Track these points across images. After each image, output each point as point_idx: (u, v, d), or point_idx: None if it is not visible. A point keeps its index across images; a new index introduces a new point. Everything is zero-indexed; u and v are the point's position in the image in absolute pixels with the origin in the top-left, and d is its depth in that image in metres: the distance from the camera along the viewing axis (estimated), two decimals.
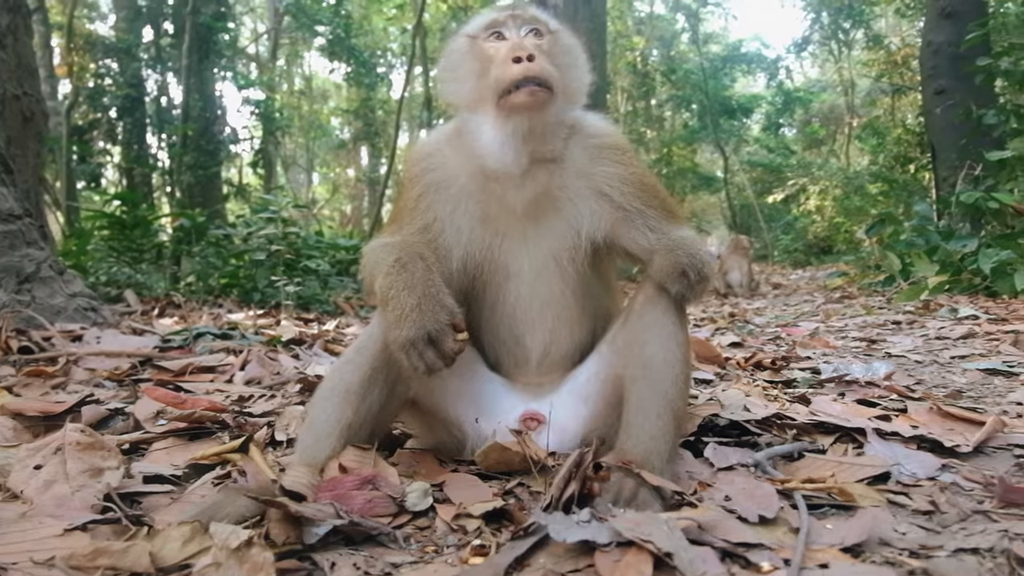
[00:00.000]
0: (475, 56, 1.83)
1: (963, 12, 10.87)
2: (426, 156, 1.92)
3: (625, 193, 1.82)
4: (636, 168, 1.87)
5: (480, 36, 1.84)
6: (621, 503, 1.44)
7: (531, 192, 1.80)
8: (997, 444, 1.89)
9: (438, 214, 1.84)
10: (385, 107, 28.10)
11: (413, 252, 1.65)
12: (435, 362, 1.54)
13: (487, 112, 1.77)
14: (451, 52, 1.92)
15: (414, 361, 1.53)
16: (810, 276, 16.11)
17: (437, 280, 1.61)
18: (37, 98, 4.63)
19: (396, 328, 1.54)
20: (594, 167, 1.84)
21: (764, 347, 4.28)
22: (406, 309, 1.53)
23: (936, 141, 11.58)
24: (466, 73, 1.83)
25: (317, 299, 7.42)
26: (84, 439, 1.61)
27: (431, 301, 1.55)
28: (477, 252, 1.85)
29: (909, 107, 24.91)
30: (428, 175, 1.87)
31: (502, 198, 1.82)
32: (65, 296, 4.22)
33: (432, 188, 1.86)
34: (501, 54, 1.75)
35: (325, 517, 1.34)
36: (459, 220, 1.84)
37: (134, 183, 17.95)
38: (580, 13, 11.50)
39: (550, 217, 1.84)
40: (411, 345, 1.52)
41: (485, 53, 1.81)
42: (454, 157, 1.88)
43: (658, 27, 32.14)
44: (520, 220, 1.84)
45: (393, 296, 1.56)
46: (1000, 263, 6.68)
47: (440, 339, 1.53)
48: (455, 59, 1.89)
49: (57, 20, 18.87)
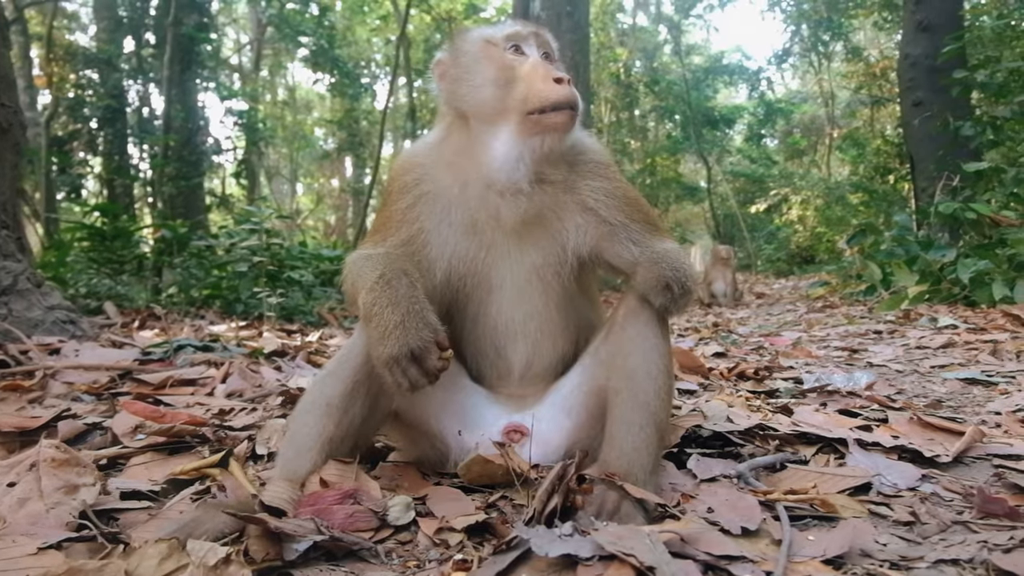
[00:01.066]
0: (494, 63, 1.79)
1: (939, 26, 11.06)
2: (415, 166, 1.89)
3: (610, 207, 1.82)
4: (620, 183, 1.87)
5: (500, 44, 1.81)
6: (604, 516, 1.43)
7: (525, 209, 1.79)
8: (976, 454, 1.91)
9: (424, 225, 1.83)
10: (369, 118, 28.12)
11: (397, 268, 1.63)
12: (418, 379, 1.52)
13: (506, 123, 1.75)
14: (464, 52, 1.85)
15: (397, 378, 1.52)
16: (793, 285, 16.23)
17: (421, 297, 1.60)
18: (15, 109, 4.57)
19: (379, 345, 1.53)
20: (580, 182, 1.84)
21: (747, 357, 4.30)
22: (390, 326, 1.52)
23: (915, 152, 11.74)
24: (484, 80, 1.78)
25: (301, 310, 7.37)
26: (59, 455, 1.58)
27: (415, 318, 1.54)
28: (461, 264, 1.83)
29: (888, 118, 25.31)
30: (418, 186, 1.85)
31: (496, 212, 1.80)
32: (43, 309, 4.16)
33: (421, 199, 1.84)
34: (536, 71, 1.74)
35: (305, 533, 1.32)
36: (445, 232, 1.82)
37: (115, 194, 17.82)
38: (563, 24, 11.57)
39: (536, 233, 1.83)
40: (394, 362, 1.51)
41: (507, 63, 1.78)
42: (444, 167, 1.86)
43: (641, 39, 32.42)
44: (507, 234, 1.83)
45: (377, 313, 1.55)
46: (978, 273, 6.77)
47: (423, 356, 1.52)
48: (468, 60, 1.83)
49: (37, 31, 18.74)
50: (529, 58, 1.79)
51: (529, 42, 1.83)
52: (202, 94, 18.93)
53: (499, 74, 1.77)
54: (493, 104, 1.76)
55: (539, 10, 11.61)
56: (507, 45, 1.81)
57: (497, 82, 1.76)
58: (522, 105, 1.71)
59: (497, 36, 1.83)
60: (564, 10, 11.60)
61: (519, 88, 1.73)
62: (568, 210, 1.83)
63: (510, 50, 1.80)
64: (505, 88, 1.75)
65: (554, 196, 1.82)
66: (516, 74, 1.76)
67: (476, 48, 1.83)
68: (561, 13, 11.58)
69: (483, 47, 1.82)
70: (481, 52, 1.82)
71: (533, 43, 1.83)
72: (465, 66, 1.83)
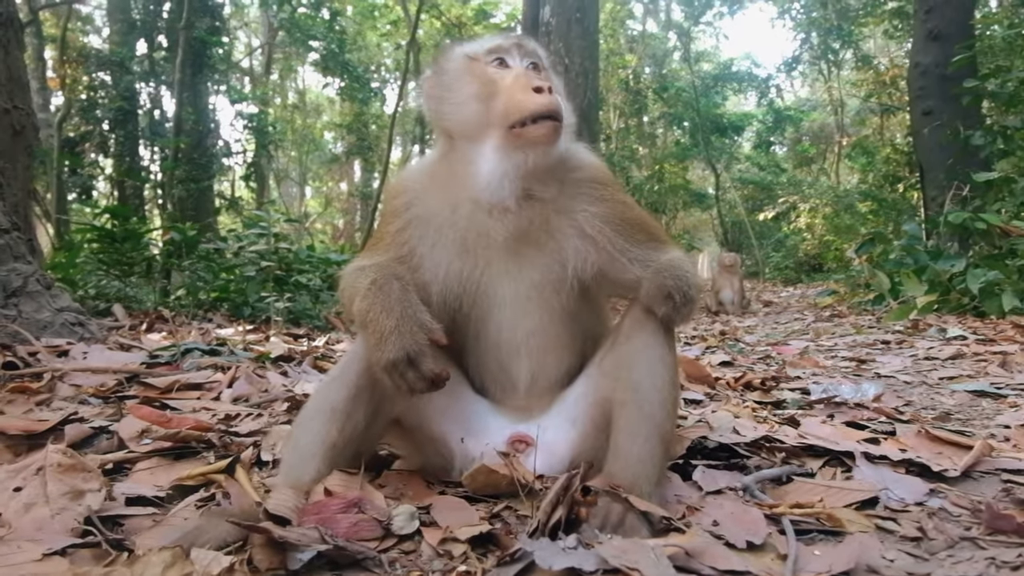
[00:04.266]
0: (476, 78, 1.74)
1: (950, 34, 11.03)
2: (406, 190, 1.86)
3: (610, 235, 1.78)
4: (618, 203, 1.82)
5: (482, 59, 1.77)
6: (608, 528, 1.43)
7: (514, 226, 1.76)
8: (985, 468, 1.89)
9: (416, 248, 1.81)
10: (378, 122, 28.24)
11: (388, 273, 1.62)
12: (416, 383, 1.51)
13: (489, 139, 1.70)
14: (446, 71, 1.82)
15: (397, 382, 1.52)
16: (801, 294, 16.18)
17: (414, 299, 1.59)
18: (28, 111, 4.62)
19: (377, 351, 1.52)
20: (575, 204, 1.79)
21: (754, 366, 4.29)
22: (385, 332, 1.51)
23: (924, 161, 11.70)
24: (466, 96, 1.74)
25: (308, 314, 7.38)
26: (65, 460, 1.59)
27: (409, 322, 1.53)
28: (456, 284, 1.81)
29: (898, 127, 25.22)
30: (410, 210, 1.83)
31: (485, 231, 1.77)
32: (52, 311, 4.19)
33: (413, 223, 1.82)
34: (517, 82, 1.69)
35: (310, 542, 1.32)
36: (439, 253, 1.80)
37: (125, 196, 17.93)
38: (573, 31, 11.60)
39: (532, 251, 1.80)
40: (393, 367, 1.50)
41: (488, 77, 1.73)
42: (435, 189, 1.83)
43: (650, 45, 32.43)
44: (500, 252, 1.80)
45: (372, 319, 1.54)
46: (988, 283, 6.74)
47: (419, 360, 1.51)
48: (450, 78, 1.80)
49: (51, 33, 18.91)
50: (512, 70, 1.75)
51: (512, 54, 1.78)
52: (213, 97, 19.14)
53: (481, 88, 1.72)
54: (476, 120, 1.72)
55: (549, 16, 11.65)
56: (489, 59, 1.77)
57: (479, 97, 1.72)
58: (503, 119, 1.67)
59: (479, 50, 1.79)
60: (574, 16, 11.62)
61: (500, 101, 1.68)
62: (564, 232, 1.80)
63: (493, 63, 1.76)
64: (487, 102, 1.70)
65: (544, 214, 1.78)
66: (498, 87, 1.71)
67: (458, 64, 1.80)
68: (571, 19, 11.60)
69: (464, 63, 1.79)
70: (463, 68, 1.78)
71: (516, 54, 1.78)
72: (447, 84, 1.79)
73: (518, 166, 1.69)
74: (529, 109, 1.64)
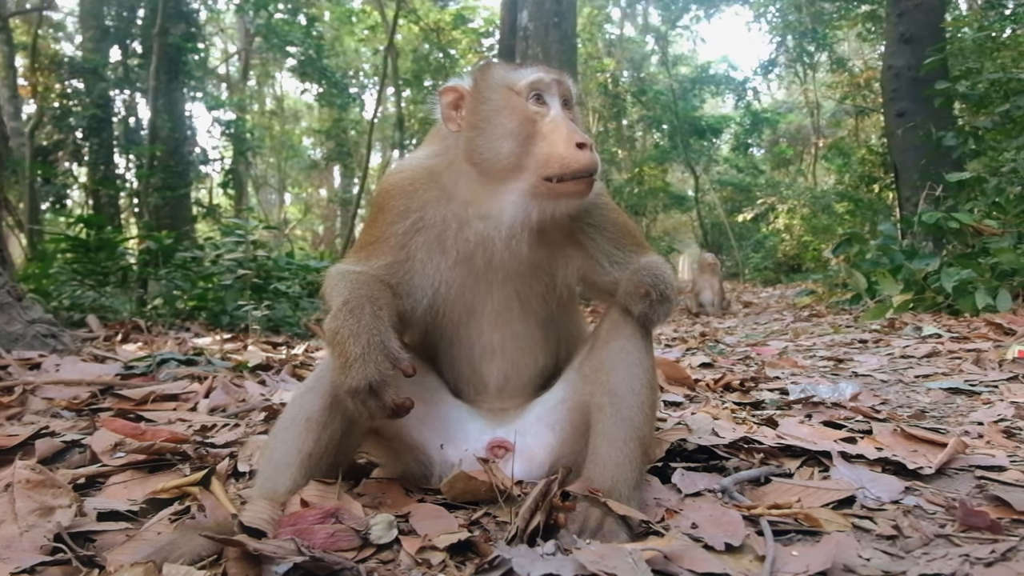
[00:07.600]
0: (516, 115, 1.69)
1: (922, 38, 11.19)
2: (410, 193, 1.82)
3: (599, 240, 1.82)
4: (609, 212, 1.86)
5: (523, 93, 1.71)
6: (587, 533, 1.43)
7: (525, 260, 1.78)
8: (959, 465, 1.92)
9: (415, 254, 1.79)
10: (357, 127, 28.11)
11: (362, 294, 1.59)
12: (377, 412, 1.49)
13: (519, 181, 1.68)
14: (487, 99, 1.74)
15: (359, 408, 1.50)
16: (780, 294, 16.32)
17: (384, 326, 1.55)
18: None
19: (341, 375, 1.50)
20: (578, 224, 1.82)
21: (734, 367, 4.31)
22: (350, 358, 1.48)
23: (898, 162, 11.85)
24: (504, 132, 1.68)
25: (287, 322, 7.31)
26: (34, 476, 1.56)
27: (375, 351, 1.49)
28: (448, 293, 1.81)
29: (872, 128, 25.57)
30: (416, 215, 1.80)
31: (490, 255, 1.77)
32: (23, 323, 4.12)
33: (415, 228, 1.79)
34: (558, 132, 1.65)
35: (286, 554, 1.30)
36: (437, 261, 1.79)
37: (100, 205, 17.65)
38: (551, 35, 11.64)
39: (528, 271, 1.83)
40: (355, 393, 1.48)
41: (528, 115, 1.69)
42: (445, 200, 1.80)
43: (628, 49, 32.67)
44: (501, 271, 1.81)
45: (339, 342, 1.51)
46: (961, 282, 6.83)
47: (381, 390, 1.48)
48: (490, 109, 1.72)
49: (21, 40, 18.62)
50: (551, 110, 1.71)
51: (552, 91, 1.73)
52: (189, 104, 18.88)
53: (520, 128, 1.68)
54: (510, 161, 1.68)
55: (527, 21, 11.68)
56: (529, 94, 1.71)
57: (516, 136, 1.67)
58: (541, 169, 1.64)
59: (520, 84, 1.72)
60: (551, 21, 11.66)
61: (540, 149, 1.65)
62: (559, 244, 1.83)
63: (532, 99, 1.71)
64: (525, 145, 1.67)
65: (552, 246, 1.82)
66: (537, 128, 1.68)
67: (498, 96, 1.73)
68: (549, 24, 11.64)
69: (505, 95, 1.73)
70: (503, 101, 1.72)
71: (555, 92, 1.74)
72: (486, 115, 1.72)
73: (543, 211, 1.70)
74: (572, 168, 1.62)
